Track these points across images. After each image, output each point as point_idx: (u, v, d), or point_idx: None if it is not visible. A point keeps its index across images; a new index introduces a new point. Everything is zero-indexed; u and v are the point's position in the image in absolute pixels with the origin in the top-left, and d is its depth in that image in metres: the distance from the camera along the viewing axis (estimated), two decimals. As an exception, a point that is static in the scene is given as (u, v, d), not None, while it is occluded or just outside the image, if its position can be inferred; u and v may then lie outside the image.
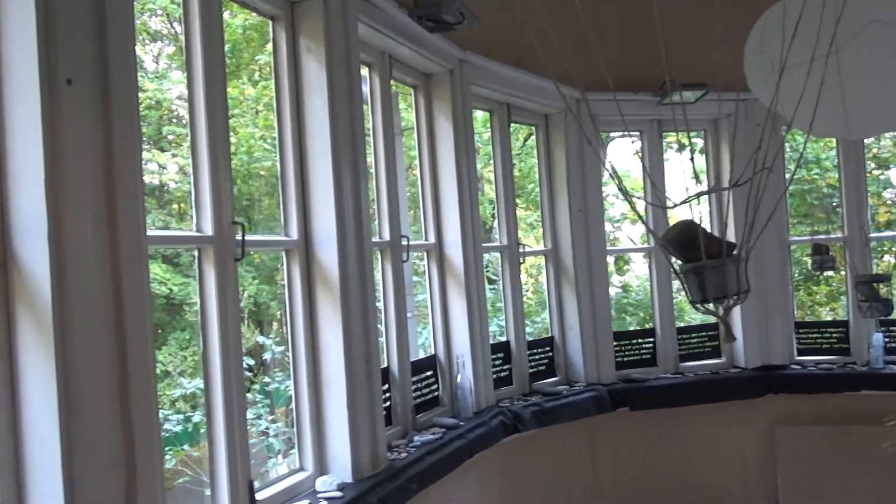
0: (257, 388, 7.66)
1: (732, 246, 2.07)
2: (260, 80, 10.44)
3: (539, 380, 4.55)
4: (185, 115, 12.09)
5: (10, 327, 1.72)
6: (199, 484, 6.78)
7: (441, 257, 3.83)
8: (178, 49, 11.98)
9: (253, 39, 10.26)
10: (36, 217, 1.69)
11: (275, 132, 7.51)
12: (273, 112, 8.28)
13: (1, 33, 1.71)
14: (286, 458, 6.91)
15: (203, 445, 7.70)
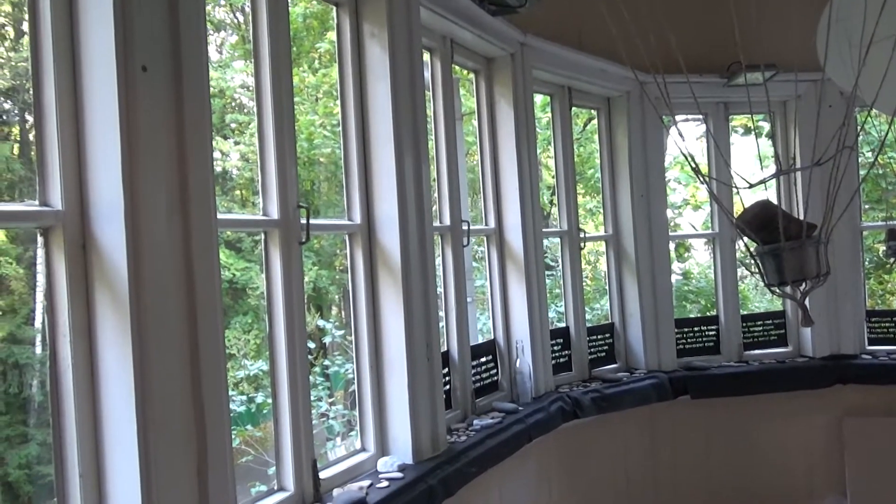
0: (317, 371, 7.79)
1: (812, 227, 2.00)
2: (320, 67, 10.55)
3: (599, 366, 4.51)
4: (248, 104, 12.32)
5: (90, 307, 1.79)
6: (261, 463, 6.95)
7: (501, 242, 3.82)
8: (241, 38, 12.21)
9: (313, 28, 10.37)
10: (114, 201, 1.75)
11: (334, 119, 7.63)
12: (333, 99, 8.38)
13: (80, 22, 1.77)
14: (344, 440, 7.03)
15: (265, 426, 7.89)
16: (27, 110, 13.11)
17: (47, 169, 1.76)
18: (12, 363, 11.79)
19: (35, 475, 11.16)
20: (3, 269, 11.80)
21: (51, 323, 1.77)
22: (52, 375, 1.77)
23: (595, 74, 4.28)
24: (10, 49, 12.59)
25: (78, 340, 1.76)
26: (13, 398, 11.95)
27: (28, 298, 12.51)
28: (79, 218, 1.78)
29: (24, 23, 13.00)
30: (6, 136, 12.82)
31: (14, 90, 12.57)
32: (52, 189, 1.75)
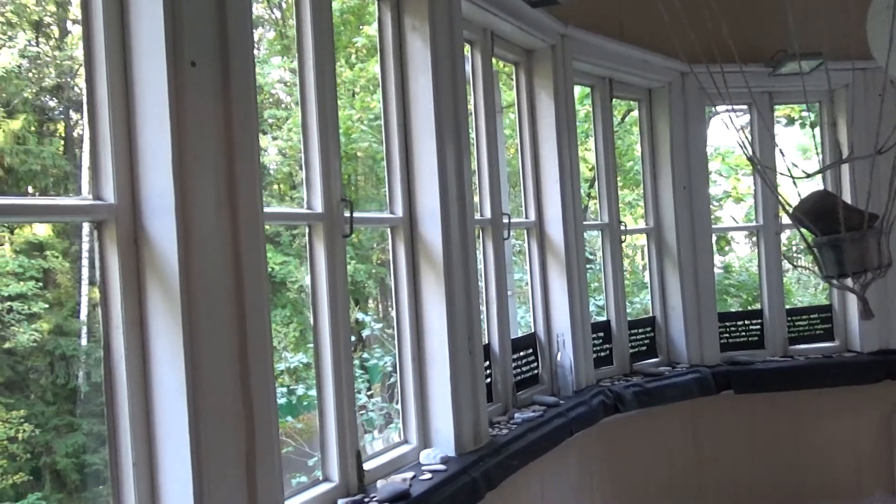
0: (356, 364, 7.85)
1: (874, 217, 1.94)
2: (356, 62, 10.60)
3: (640, 360, 4.47)
4: (284, 99, 12.40)
5: (142, 299, 1.82)
6: (301, 454, 7.03)
7: (541, 235, 3.80)
8: (279, 34, 12.30)
9: (350, 22, 10.41)
10: (164, 195, 1.78)
11: (371, 114, 7.65)
12: (370, 94, 8.40)
13: (131, 17, 1.80)
14: (381, 433, 7.07)
15: (304, 417, 7.98)
16: (71, 108, 13.40)
17: (100, 164, 1.79)
18: (59, 355, 12.08)
19: (82, 464, 11.43)
20: (50, 263, 12.09)
21: (104, 315, 1.81)
22: (106, 366, 1.81)
23: (636, 65, 4.23)
24: (55, 48, 12.86)
25: (131, 332, 1.80)
26: (60, 389, 12.25)
27: (74, 292, 12.80)
28: (130, 211, 1.81)
29: (69, 22, 13.28)
30: (52, 134, 13.11)
31: (59, 88, 12.84)
32: (105, 183, 1.79)
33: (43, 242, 12.04)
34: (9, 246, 11.49)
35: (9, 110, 11.94)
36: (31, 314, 11.44)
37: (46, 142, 12.46)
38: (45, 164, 12.30)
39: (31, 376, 11.98)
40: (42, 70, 12.46)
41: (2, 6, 11.58)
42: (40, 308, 11.50)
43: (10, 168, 12.10)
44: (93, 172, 1.81)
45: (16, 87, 11.75)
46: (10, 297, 11.22)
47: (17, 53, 11.60)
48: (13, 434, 10.71)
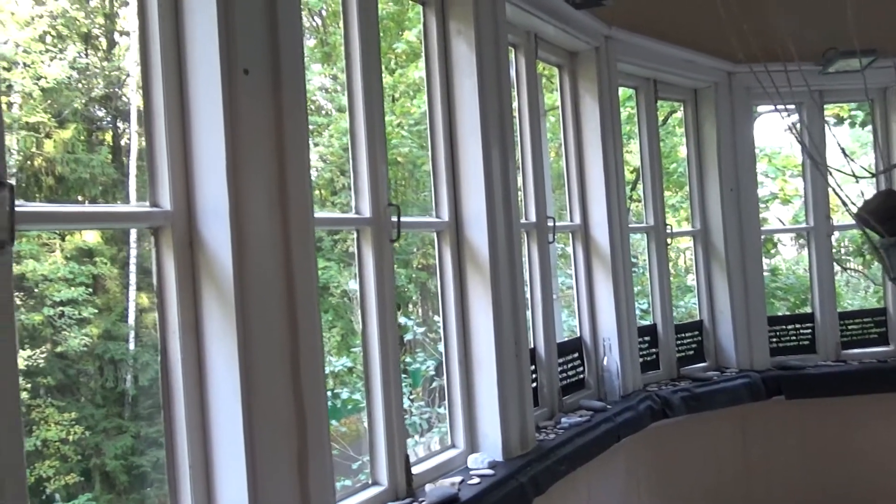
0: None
1: (946, 217, 1.89)
2: (396, 68, 10.66)
3: (687, 365, 4.40)
4: (325, 105, 12.52)
5: (197, 303, 1.86)
6: (345, 458, 7.08)
7: (586, 238, 3.77)
8: (320, 41, 12.42)
9: (390, 28, 10.48)
10: (219, 200, 1.81)
11: (412, 119, 7.69)
12: (409, 99, 8.42)
13: (186, 27, 1.84)
14: (423, 437, 7.08)
15: (347, 421, 8.03)
16: (119, 117, 13.70)
17: (156, 172, 1.83)
18: (108, 359, 12.34)
19: (130, 465, 11.65)
20: (99, 269, 12.36)
21: (161, 320, 1.85)
22: (163, 370, 1.84)
23: (682, 66, 4.18)
24: (103, 59, 13.17)
25: (186, 336, 1.83)
26: (109, 392, 12.51)
27: (122, 297, 13.07)
28: (186, 217, 1.84)
29: (116, 33, 13.58)
30: (100, 143, 13.42)
31: (107, 98, 13.14)
32: (162, 191, 1.82)
33: (92, 249, 12.32)
34: (59, 253, 11.78)
35: (60, 120, 12.26)
36: (82, 319, 11.71)
37: (95, 151, 12.77)
38: (93, 172, 12.60)
39: (81, 380, 12.27)
40: (91, 81, 12.76)
41: (53, 20, 11.90)
42: (90, 313, 11.77)
43: (62, 176, 12.41)
44: (150, 180, 1.84)
45: (66, 98, 12.07)
46: (62, 302, 11.50)
47: (68, 65, 11.91)
48: (65, 436, 10.96)
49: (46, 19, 11.77)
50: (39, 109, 11.43)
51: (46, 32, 11.71)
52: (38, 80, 11.21)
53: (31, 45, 10.95)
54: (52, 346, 11.43)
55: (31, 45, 11.07)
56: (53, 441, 10.69)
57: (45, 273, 11.17)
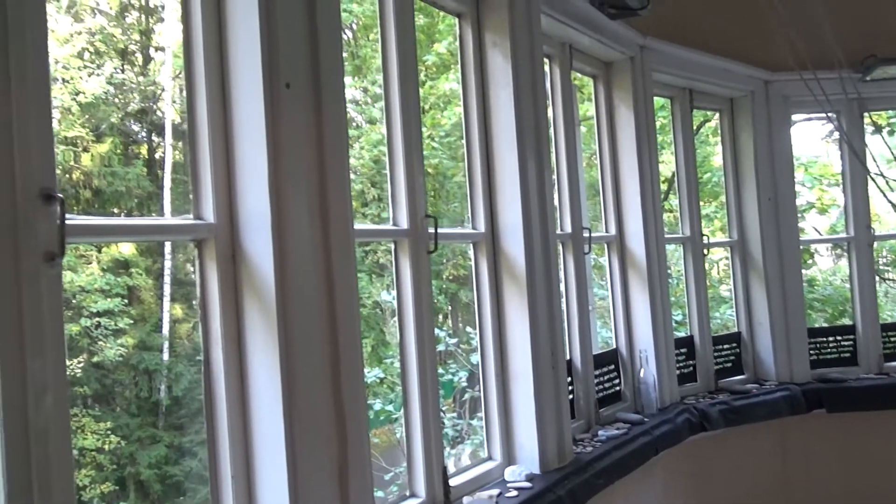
0: (430, 379, 7.84)
1: None
2: (426, 79, 10.71)
3: (725, 377, 4.34)
4: (356, 118, 12.62)
5: (239, 314, 1.87)
6: (378, 469, 7.07)
7: (622, 249, 3.75)
8: (351, 55, 12.54)
9: (420, 41, 10.53)
10: (261, 213, 1.83)
11: (442, 131, 7.69)
12: (440, 111, 8.42)
13: (229, 43, 1.87)
14: (454, 449, 7.05)
15: (379, 431, 8.03)
16: (154, 131, 13.93)
17: (200, 184, 1.85)
18: (143, 369, 12.50)
19: (164, 475, 11.75)
20: (135, 280, 12.54)
21: (204, 331, 1.87)
22: (206, 381, 1.86)
23: (717, 75, 4.15)
24: (139, 74, 13.42)
25: (229, 347, 1.85)
26: (143, 402, 12.65)
27: (156, 308, 13.25)
28: (229, 230, 1.86)
29: (152, 49, 13.82)
30: (136, 156, 13.65)
31: (143, 112, 13.38)
32: (205, 203, 1.85)
33: (128, 260, 12.50)
34: (96, 264, 11.98)
35: (97, 134, 12.50)
36: (117, 330, 11.87)
37: (131, 164, 12.98)
38: (129, 185, 12.81)
39: (116, 389, 12.44)
40: (127, 95, 13.00)
41: (91, 36, 12.15)
42: (125, 324, 11.94)
43: (98, 189, 12.64)
44: (193, 193, 1.87)
45: (103, 113, 12.30)
46: (98, 313, 11.68)
47: (105, 80, 12.15)
48: (100, 445, 11.11)
49: (85, 36, 12.03)
50: (78, 124, 11.67)
51: (85, 49, 11.97)
52: (77, 96, 11.45)
53: (70, 62, 11.20)
54: (88, 356, 11.62)
55: (70, 62, 11.32)
56: (90, 450, 10.83)
57: (83, 284, 11.37)
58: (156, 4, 13.28)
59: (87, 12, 12.38)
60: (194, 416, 12.45)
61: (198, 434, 12.29)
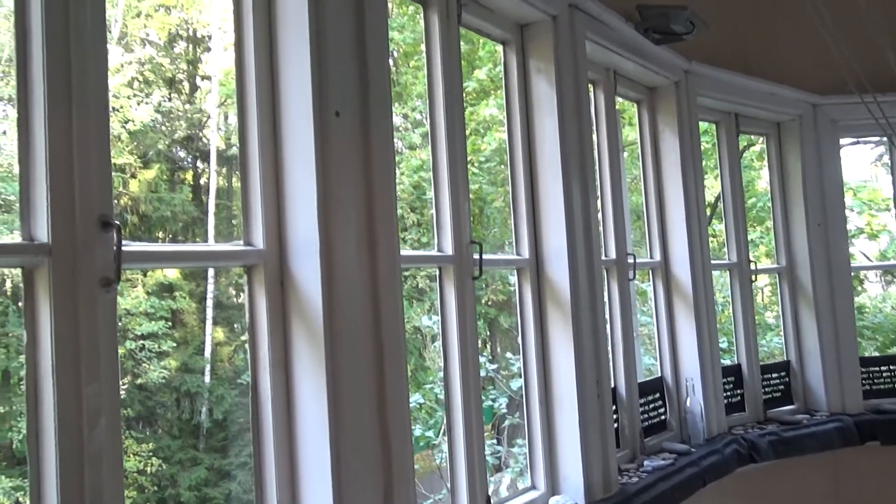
0: (469, 405, 7.79)
1: None
2: (466, 105, 10.77)
3: (774, 407, 4.23)
4: (397, 144, 12.74)
5: (287, 340, 1.89)
6: (417, 495, 7.03)
7: (667, 275, 3.69)
8: (392, 81, 12.66)
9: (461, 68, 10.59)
10: (310, 239, 1.85)
11: (481, 156, 7.72)
12: (480, 136, 8.45)
13: (280, 71, 1.90)
14: (493, 476, 6.97)
15: (419, 457, 7.98)
16: (199, 157, 14.22)
17: (251, 211, 1.88)
18: (185, 391, 12.65)
19: (203, 497, 11.84)
20: (178, 304, 12.74)
21: (252, 356, 1.88)
22: (253, 406, 1.87)
23: (764, 99, 4.09)
24: (186, 102, 13.74)
25: (276, 373, 1.86)
26: (185, 424, 12.78)
27: (199, 331, 13.42)
28: (278, 256, 1.88)
29: (198, 78, 14.14)
30: (181, 182, 13.94)
31: (189, 139, 13.68)
32: (255, 229, 1.87)
33: (173, 284, 12.71)
34: (142, 287, 12.21)
35: (144, 161, 12.80)
36: (161, 352, 12.05)
37: (176, 190, 13.27)
38: (174, 210, 13.08)
39: (158, 411, 12.59)
40: (174, 123, 13.31)
41: (141, 66, 12.50)
42: (169, 346, 12.12)
43: (145, 214, 12.92)
44: (244, 219, 1.90)
45: (151, 140, 12.62)
46: (143, 335, 11.88)
47: (153, 108, 12.47)
48: (142, 467, 11.23)
49: (135, 66, 12.39)
50: (126, 151, 11.98)
51: (134, 78, 12.32)
52: (126, 124, 11.77)
53: (120, 91, 11.53)
54: (132, 378, 11.80)
55: (121, 91, 11.65)
56: (132, 472, 10.96)
57: (129, 307, 11.59)
58: (203, 35, 13.64)
59: (138, 43, 12.77)
60: (235, 438, 12.55)
61: (237, 457, 12.36)
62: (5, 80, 10.83)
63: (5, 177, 10.32)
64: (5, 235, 10.22)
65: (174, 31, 13.35)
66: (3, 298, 11.11)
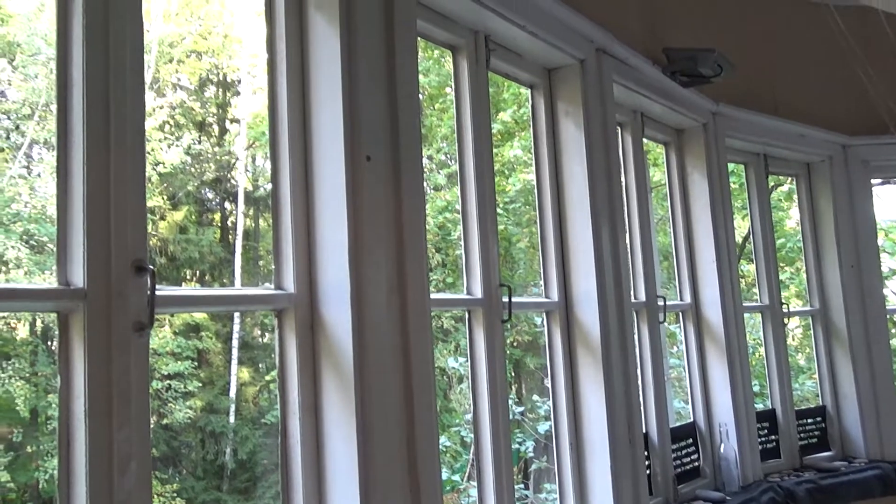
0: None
1: None
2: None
3: (810, 453, 4.11)
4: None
5: (316, 384, 1.88)
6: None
7: (698, 318, 3.64)
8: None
9: (485, 109, 10.68)
10: (341, 283, 1.84)
11: (505, 197, 7.75)
12: (504, 177, 8.50)
13: (312, 116, 1.93)
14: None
15: (446, 499, 7.86)
16: (226, 199, 14.41)
17: (282, 255, 1.89)
18: (209, 431, 12.62)
19: (226, 540, 11.72)
20: (204, 344, 12.79)
21: (282, 400, 1.87)
22: (283, 451, 1.85)
23: (793, 140, 4.07)
24: (215, 144, 13.99)
25: (306, 417, 1.84)
26: (209, 465, 12.74)
27: (224, 371, 13.45)
28: (308, 300, 1.88)
29: (227, 121, 14.42)
30: (209, 223, 14.11)
31: (217, 181, 13.89)
32: (286, 273, 1.88)
33: (199, 324, 12.78)
34: (169, 327, 12.30)
35: (173, 203, 12.99)
36: (187, 392, 12.07)
37: (204, 231, 13.43)
38: (202, 250, 13.22)
39: (183, 451, 12.57)
40: (203, 165, 13.53)
41: (172, 110, 12.78)
42: (194, 386, 12.14)
43: (173, 255, 13.07)
44: (275, 263, 1.91)
45: (181, 182, 12.82)
46: (170, 375, 11.91)
47: (183, 151, 12.69)
48: (166, 508, 11.18)
49: (166, 110, 12.66)
50: (156, 193, 12.18)
51: (166, 122, 12.59)
52: (157, 166, 11.99)
53: (151, 134, 11.78)
54: (158, 419, 11.82)
55: (152, 134, 11.91)
56: (156, 513, 10.91)
57: (155, 347, 11.66)
58: (232, 79, 13.93)
59: (170, 87, 13.07)
60: (259, 479, 12.47)
61: (261, 498, 12.27)
62: (40, 124, 11.12)
63: (38, 218, 10.53)
64: (37, 276, 10.38)
65: (205, 75, 13.67)
66: (34, 338, 11.25)
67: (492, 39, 2.59)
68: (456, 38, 2.47)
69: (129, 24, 1.53)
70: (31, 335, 11.41)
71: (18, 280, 10.10)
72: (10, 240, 9.95)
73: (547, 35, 2.66)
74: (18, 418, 10.21)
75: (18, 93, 10.74)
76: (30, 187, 10.85)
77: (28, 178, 11.02)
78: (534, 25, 2.59)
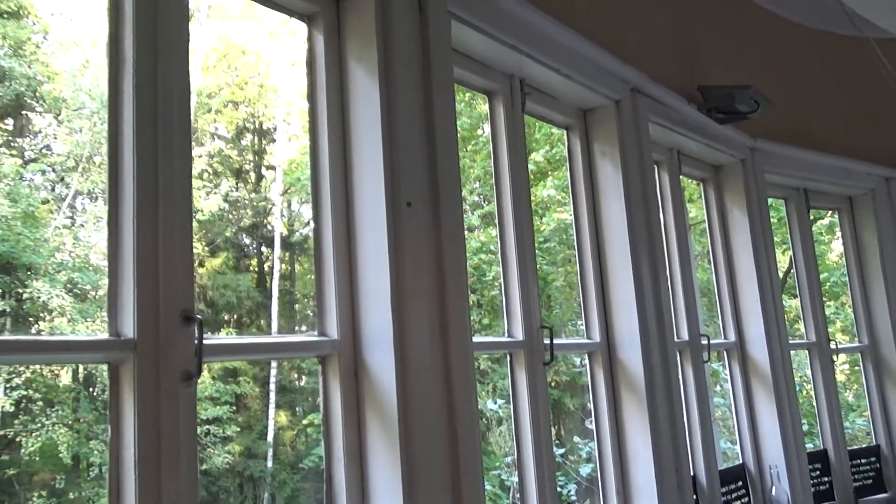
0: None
1: None
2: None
3: (865, 495, 3.97)
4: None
5: (361, 430, 1.87)
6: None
7: (743, 357, 3.56)
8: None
9: (518, 149, 10.74)
10: (384, 328, 1.85)
11: (540, 236, 7.75)
12: (538, 217, 8.53)
13: (353, 164, 1.95)
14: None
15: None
16: (263, 244, 14.60)
17: (325, 301, 1.90)
18: (248, 476, 12.61)
19: (261, 588, 11.61)
20: (242, 388, 12.85)
21: (326, 446, 1.86)
22: (328, 498, 1.84)
23: (834, 173, 4.01)
24: (251, 191, 14.24)
25: (351, 464, 1.84)
26: (247, 511, 12.66)
27: (262, 415, 13.47)
28: (351, 346, 1.89)
29: (263, 168, 14.69)
30: (246, 269, 14.29)
31: (254, 227, 14.10)
32: (329, 320, 1.89)
33: (237, 368, 12.86)
34: (207, 372, 12.39)
35: (212, 249, 13.20)
36: (225, 437, 12.09)
37: (241, 276, 13.59)
38: (240, 295, 13.36)
39: (221, 497, 12.55)
40: (240, 211, 13.75)
41: (210, 158, 13.07)
42: (233, 431, 12.16)
43: (212, 301, 13.22)
44: (318, 310, 1.92)
45: (219, 228, 13.04)
46: (208, 420, 11.96)
47: (221, 198, 12.93)
48: (205, 558, 11.12)
49: (205, 158, 12.96)
50: (196, 240, 12.41)
51: (204, 170, 12.87)
52: (196, 213, 12.24)
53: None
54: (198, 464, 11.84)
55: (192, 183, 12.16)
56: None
57: (195, 392, 11.73)
58: (268, 127, 14.23)
59: (208, 137, 13.39)
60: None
61: (299, 546, 12.15)
62: (84, 175, 11.43)
63: (81, 267, 10.76)
64: (79, 323, 10.57)
65: (241, 124, 13.98)
66: (76, 385, 11.41)
67: (527, 83, 2.62)
68: (492, 83, 2.51)
69: (176, 81, 1.58)
70: (73, 381, 11.57)
71: (62, 327, 10.28)
72: (54, 288, 10.15)
73: (582, 77, 2.68)
74: (61, 465, 10.30)
75: (63, 146, 11.08)
76: (74, 237, 11.11)
77: (72, 228, 11.30)
78: (568, 68, 2.62)
